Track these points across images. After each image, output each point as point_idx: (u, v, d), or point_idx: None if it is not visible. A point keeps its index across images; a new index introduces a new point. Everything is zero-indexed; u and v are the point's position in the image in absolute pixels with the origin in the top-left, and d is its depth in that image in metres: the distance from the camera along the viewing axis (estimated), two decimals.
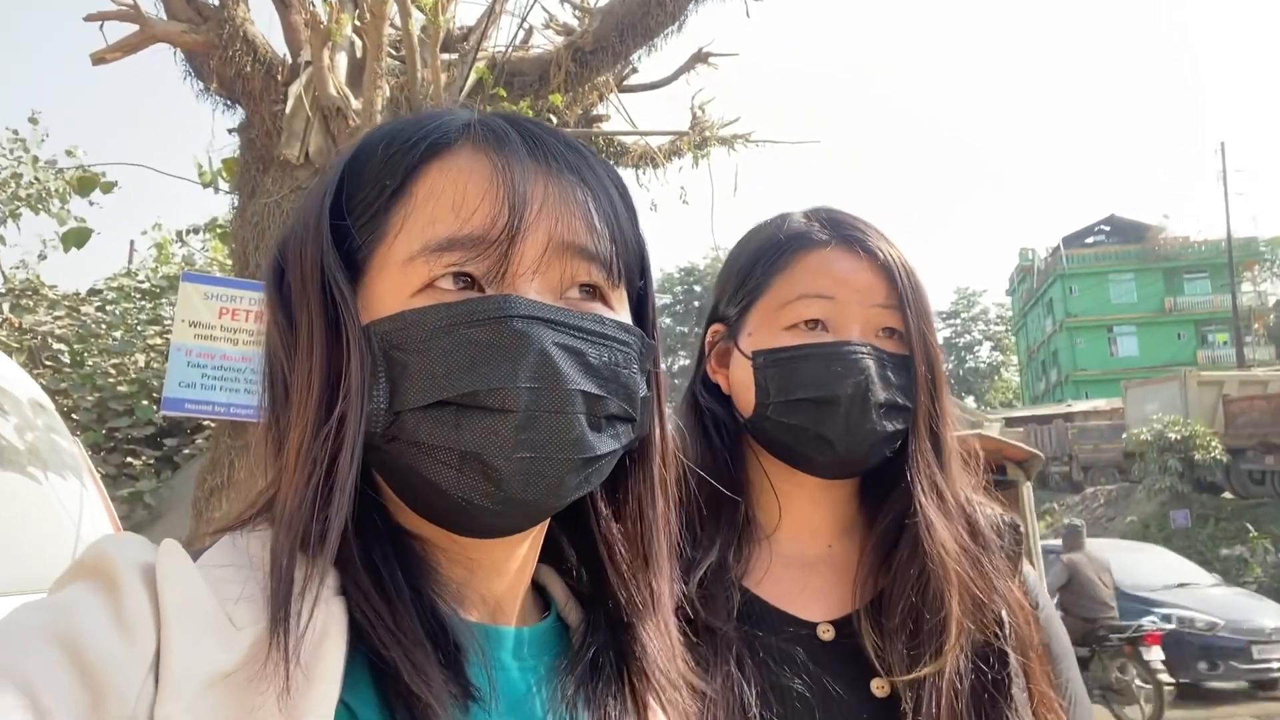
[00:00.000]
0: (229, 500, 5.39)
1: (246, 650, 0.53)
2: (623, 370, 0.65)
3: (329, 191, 0.66)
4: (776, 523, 1.07)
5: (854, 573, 1.04)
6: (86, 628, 0.51)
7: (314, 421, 0.60)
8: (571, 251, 0.63)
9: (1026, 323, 52.41)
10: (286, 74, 5.80)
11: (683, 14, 6.55)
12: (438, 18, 5.20)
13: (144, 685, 0.50)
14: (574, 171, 0.65)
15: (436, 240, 0.61)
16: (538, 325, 0.60)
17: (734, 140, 7.78)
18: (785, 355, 1.02)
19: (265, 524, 0.62)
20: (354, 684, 0.56)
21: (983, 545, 1.03)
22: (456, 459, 0.59)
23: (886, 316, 1.02)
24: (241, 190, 5.98)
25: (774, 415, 1.02)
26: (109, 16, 5.29)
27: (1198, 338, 42.04)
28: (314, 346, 0.62)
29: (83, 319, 10.34)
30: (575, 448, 0.61)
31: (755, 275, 1.07)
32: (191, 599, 0.54)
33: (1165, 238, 44.25)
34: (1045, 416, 29.51)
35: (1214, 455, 18.44)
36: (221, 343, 5.30)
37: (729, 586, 0.99)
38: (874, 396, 0.98)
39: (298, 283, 0.64)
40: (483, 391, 0.58)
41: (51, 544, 2.39)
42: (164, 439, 9.00)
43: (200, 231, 11.24)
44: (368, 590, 0.58)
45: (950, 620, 0.94)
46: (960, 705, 0.93)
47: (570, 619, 0.75)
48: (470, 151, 0.64)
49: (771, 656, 0.96)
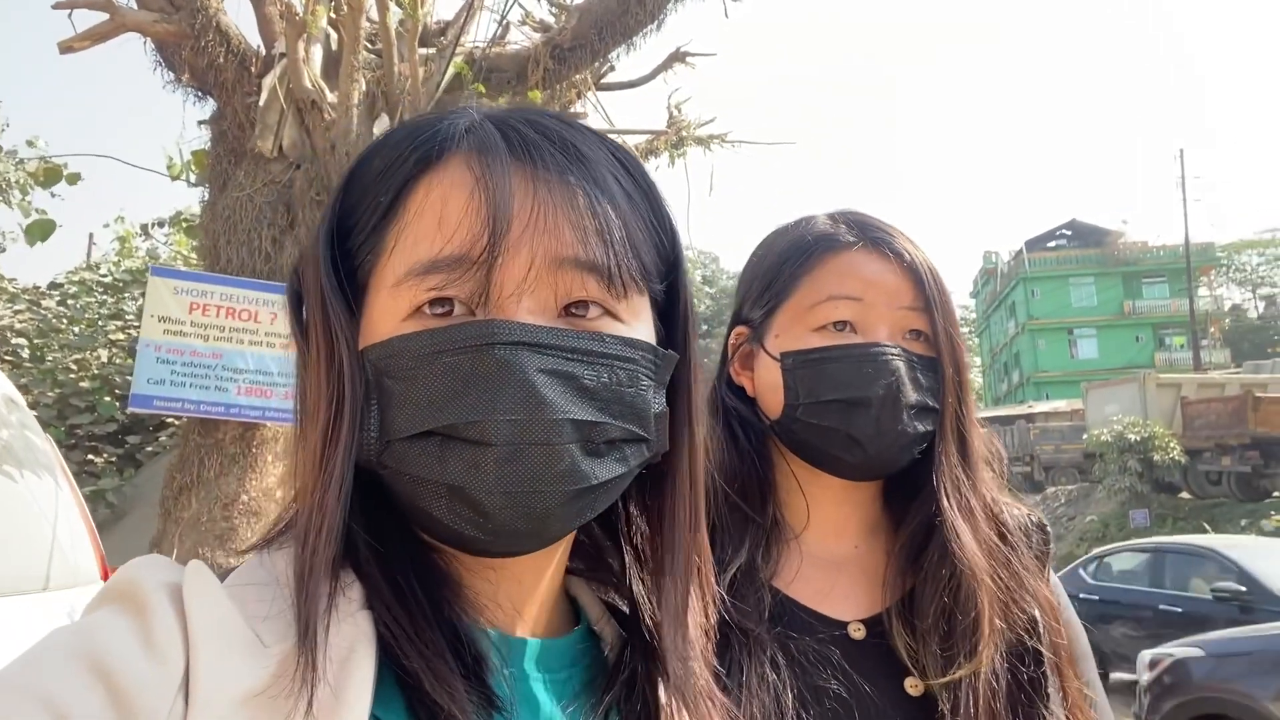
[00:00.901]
0: (198, 499, 5.29)
1: (275, 667, 0.52)
2: (627, 390, 0.62)
3: (332, 207, 0.65)
4: (805, 523, 1.07)
5: (882, 572, 1.04)
6: (115, 650, 0.51)
7: (321, 444, 0.60)
8: (564, 266, 0.59)
9: (989, 325, 53.15)
10: (260, 66, 5.71)
11: (661, 13, 6.55)
12: (416, 11, 5.15)
13: (174, 705, 0.49)
14: (570, 174, 0.61)
15: (420, 263, 0.58)
16: (523, 351, 0.57)
17: (710, 140, 7.80)
18: (815, 357, 1.01)
19: (292, 541, 0.61)
20: (385, 697, 0.56)
21: (1012, 546, 1.03)
22: (445, 491, 0.58)
23: (913, 319, 1.02)
24: (212, 183, 5.89)
25: (803, 416, 1.02)
26: (79, 4, 5.18)
27: (1155, 341, 42.89)
28: (320, 370, 0.61)
29: (43, 313, 10.13)
30: (566, 480, 0.58)
31: (782, 277, 1.07)
32: (219, 618, 0.53)
33: (1125, 243, 45.14)
34: (1007, 417, 29.97)
35: (1172, 456, 18.82)
36: (192, 339, 5.20)
37: (759, 587, 0.99)
38: (905, 398, 0.98)
39: (308, 305, 0.64)
40: (462, 424, 0.57)
41: (27, 542, 2.33)
42: (126, 436, 8.84)
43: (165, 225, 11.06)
44: (390, 603, 0.58)
45: (983, 621, 0.94)
46: (998, 705, 0.93)
47: (605, 633, 0.74)
48: (457, 163, 0.61)
49: (806, 657, 0.95)
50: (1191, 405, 19.72)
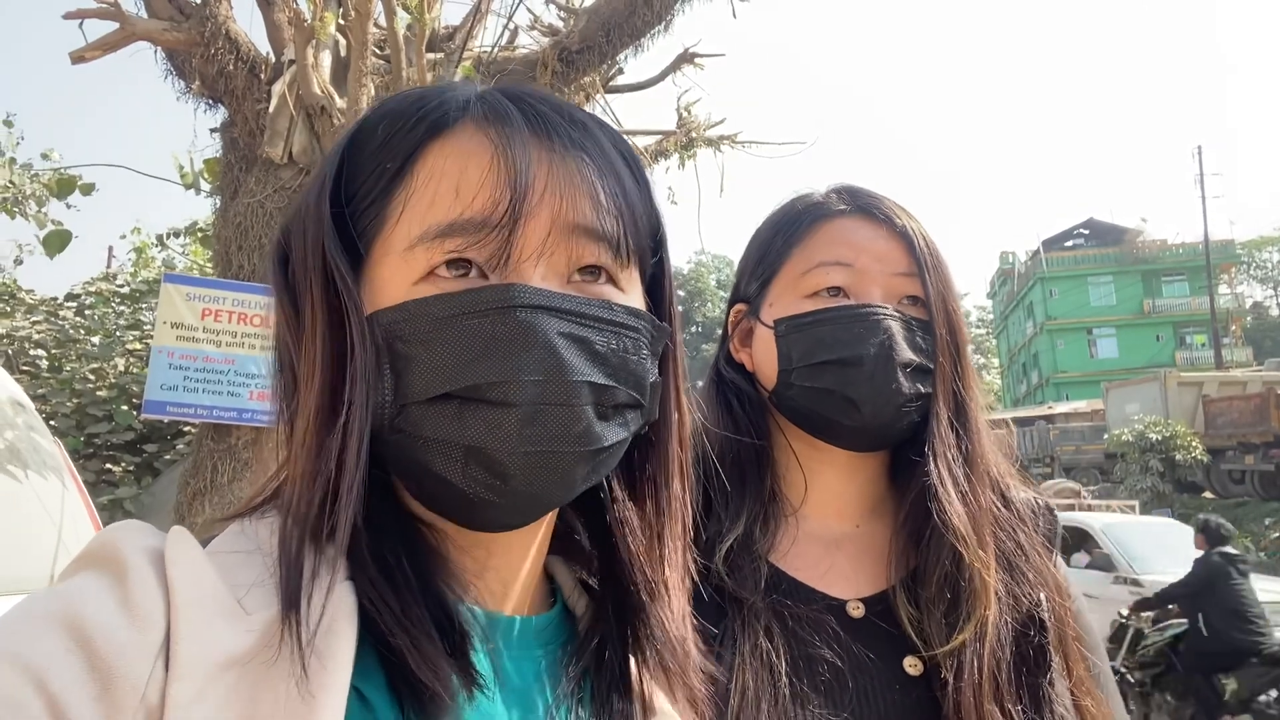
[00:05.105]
0: (212, 505, 5.31)
1: (258, 635, 0.52)
2: (631, 357, 0.63)
3: (330, 174, 0.64)
4: (803, 498, 1.06)
5: (885, 550, 1.02)
6: (94, 614, 0.50)
7: (319, 411, 0.59)
8: (578, 233, 0.61)
9: (1007, 325, 52.83)
10: (270, 72, 5.74)
11: (669, 14, 6.54)
12: (424, 17, 5.16)
13: (154, 669, 0.49)
14: (579, 148, 0.63)
15: (437, 226, 0.59)
16: (543, 315, 0.58)
17: (720, 141, 7.78)
18: (807, 320, 1.01)
19: (274, 511, 0.61)
20: (365, 669, 0.55)
21: (1020, 518, 1.02)
22: (461, 453, 0.58)
23: (907, 284, 1.02)
24: (224, 191, 5.92)
25: (798, 381, 1.01)
26: (89, 14, 5.22)
27: (1176, 339, 42.49)
28: (318, 336, 0.61)
29: (61, 324, 10.21)
30: (583, 440, 0.59)
31: (774, 248, 1.07)
32: (201, 584, 0.53)
33: (1143, 241, 44.82)
34: (1027, 418, 29.73)
35: (1194, 455, 18.64)
36: (204, 345, 5.23)
37: (756, 559, 0.98)
38: (899, 356, 0.97)
39: (301, 270, 0.63)
40: (484, 385, 0.57)
41: (33, 544, 2.34)
42: (144, 445, 8.89)
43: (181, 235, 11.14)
44: (375, 578, 0.58)
45: (986, 587, 0.93)
46: (1002, 676, 0.92)
47: (577, 608, 0.74)
48: (471, 130, 0.62)
49: (801, 626, 0.94)
50: (1213, 404, 19.54)
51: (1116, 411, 21.95)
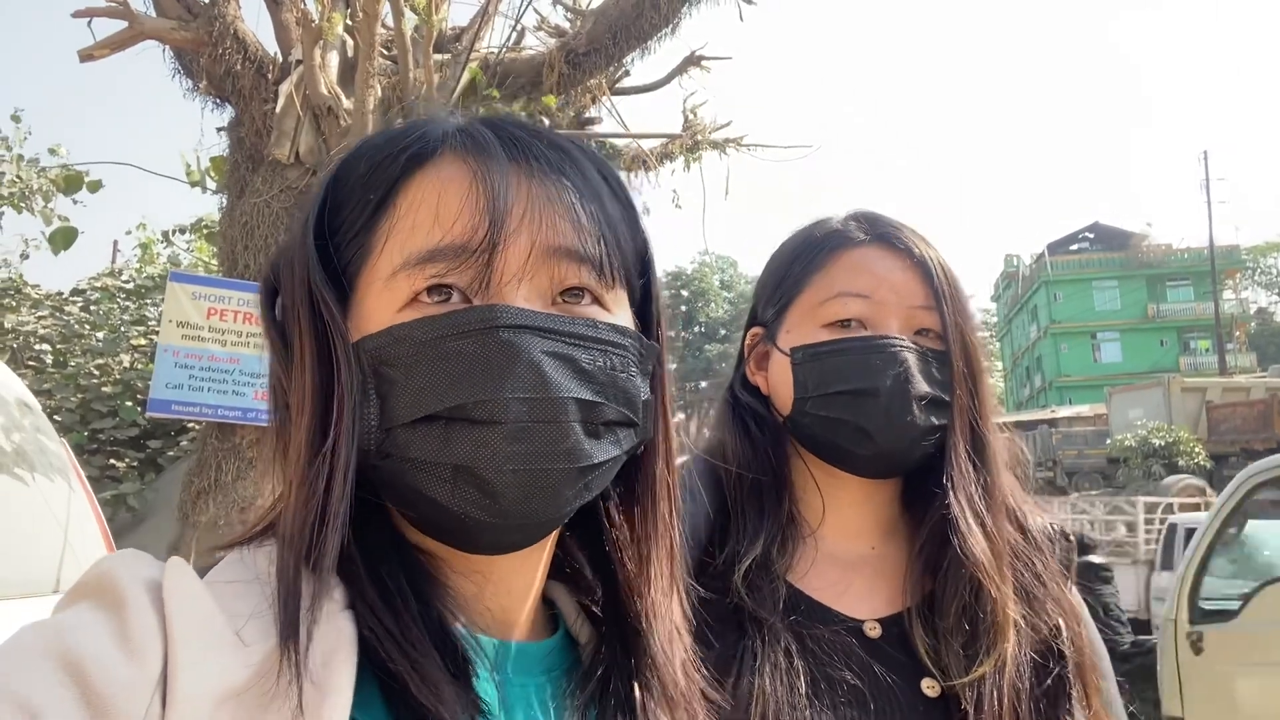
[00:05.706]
0: (216, 503, 5.32)
1: (256, 667, 0.51)
2: (620, 375, 0.63)
3: (315, 209, 0.65)
4: (820, 519, 1.06)
5: (900, 573, 1.03)
6: (89, 647, 0.49)
7: (310, 440, 0.60)
8: (559, 255, 0.61)
9: (1011, 329, 52.74)
10: (277, 72, 5.75)
11: (676, 16, 6.54)
12: (431, 18, 5.17)
13: (151, 703, 0.49)
14: (559, 172, 0.63)
15: (418, 253, 0.59)
16: (526, 334, 0.59)
17: (726, 144, 7.78)
18: (824, 350, 1.02)
19: (274, 540, 0.61)
20: (365, 699, 0.55)
21: (1036, 547, 1.02)
22: (449, 473, 0.58)
23: (924, 317, 1.02)
24: (230, 189, 5.93)
25: (813, 410, 1.02)
26: (98, 13, 5.23)
27: (1180, 344, 42.41)
28: (307, 366, 0.61)
29: (66, 319, 10.24)
30: (570, 457, 0.59)
31: (792, 274, 1.07)
32: (199, 616, 0.53)
33: (1148, 245, 44.73)
34: (1030, 422, 29.66)
35: (1198, 461, 18.61)
36: (210, 343, 5.24)
37: (774, 579, 0.98)
38: (914, 389, 0.98)
39: (290, 303, 0.64)
40: (470, 404, 0.57)
41: (38, 545, 2.34)
42: (148, 441, 8.91)
43: (186, 232, 11.17)
44: (375, 605, 0.58)
45: (1006, 620, 0.93)
46: (1022, 707, 0.93)
47: (580, 636, 0.74)
48: (451, 159, 0.62)
49: (820, 646, 0.95)
50: (1217, 409, 19.52)
51: (1120, 416, 21.93)
